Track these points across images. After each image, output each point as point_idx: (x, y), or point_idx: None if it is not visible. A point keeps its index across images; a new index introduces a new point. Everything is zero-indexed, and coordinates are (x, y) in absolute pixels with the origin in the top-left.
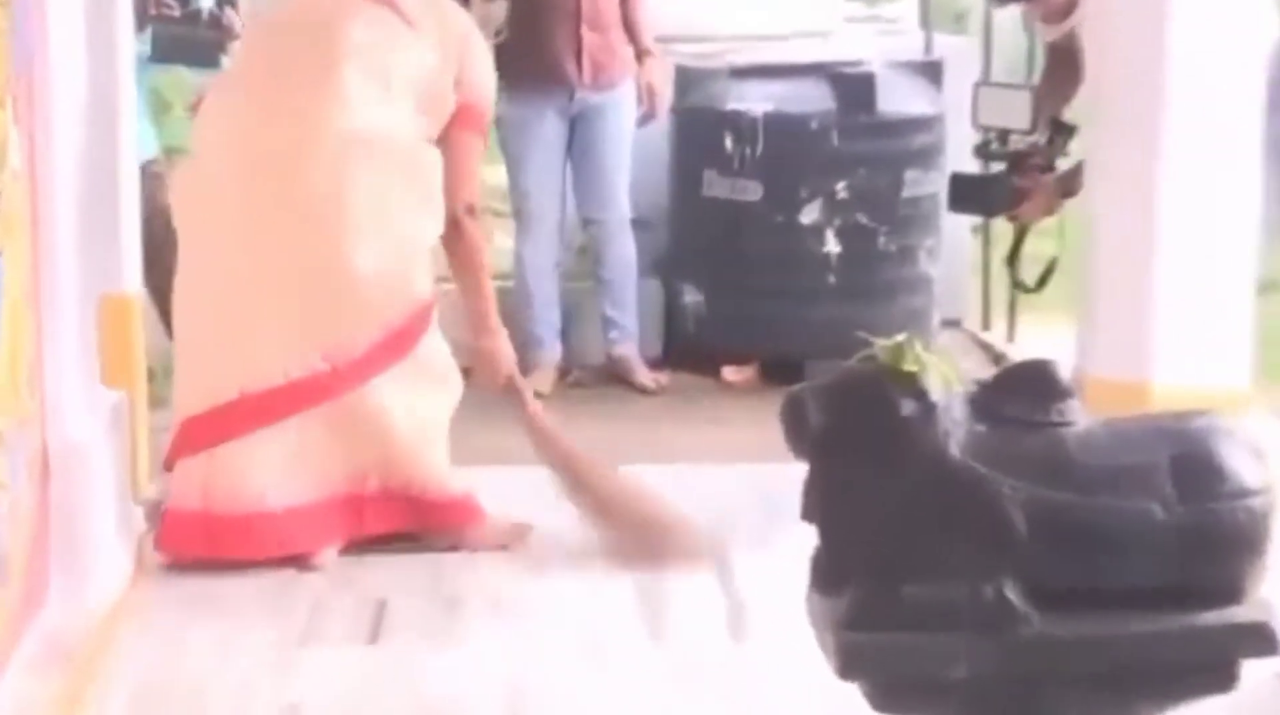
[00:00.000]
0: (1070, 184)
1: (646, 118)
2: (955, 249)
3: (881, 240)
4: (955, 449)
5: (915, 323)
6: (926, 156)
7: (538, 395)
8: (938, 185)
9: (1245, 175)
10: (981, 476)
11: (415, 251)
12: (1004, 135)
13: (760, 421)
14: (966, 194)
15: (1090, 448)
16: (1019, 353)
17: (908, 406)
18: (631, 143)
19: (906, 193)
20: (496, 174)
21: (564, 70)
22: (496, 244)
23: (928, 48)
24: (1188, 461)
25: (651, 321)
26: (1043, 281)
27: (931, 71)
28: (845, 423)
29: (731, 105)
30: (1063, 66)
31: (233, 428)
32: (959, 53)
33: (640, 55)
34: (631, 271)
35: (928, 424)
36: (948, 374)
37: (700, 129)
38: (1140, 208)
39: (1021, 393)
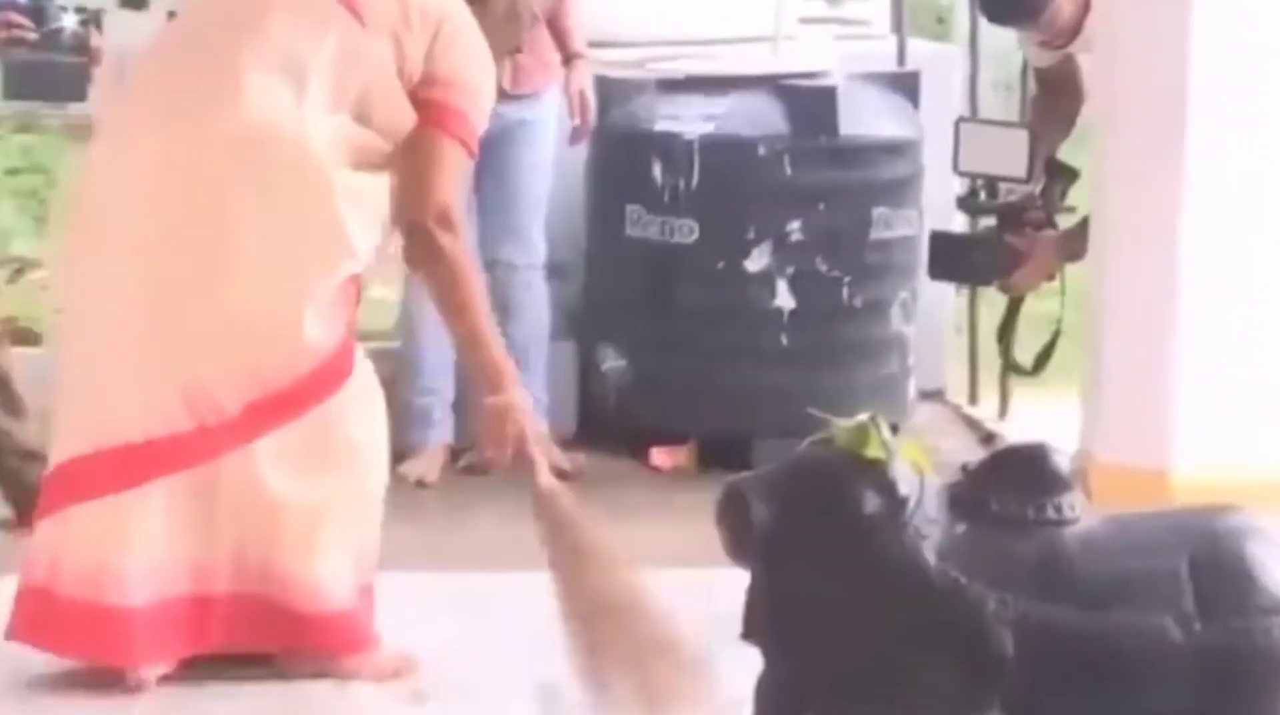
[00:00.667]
0: (1073, 244)
1: (578, 135)
2: (936, 304)
3: (845, 292)
4: (930, 554)
5: (886, 395)
6: (900, 190)
7: (421, 483)
8: (914, 226)
9: None
10: (962, 587)
11: (310, 292)
12: (993, 184)
13: (695, 516)
14: (949, 258)
15: (1094, 551)
16: (1013, 433)
17: (871, 502)
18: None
19: (875, 234)
20: None
21: None
22: (375, 296)
23: (902, 56)
24: (1210, 568)
25: (564, 391)
26: (1042, 361)
27: (907, 85)
28: (796, 521)
29: (661, 126)
30: (1058, 96)
31: (84, 488)
32: (940, 62)
33: (568, 59)
34: (543, 330)
35: (896, 523)
36: (920, 461)
37: (622, 155)
38: (1159, 263)
39: (1011, 484)
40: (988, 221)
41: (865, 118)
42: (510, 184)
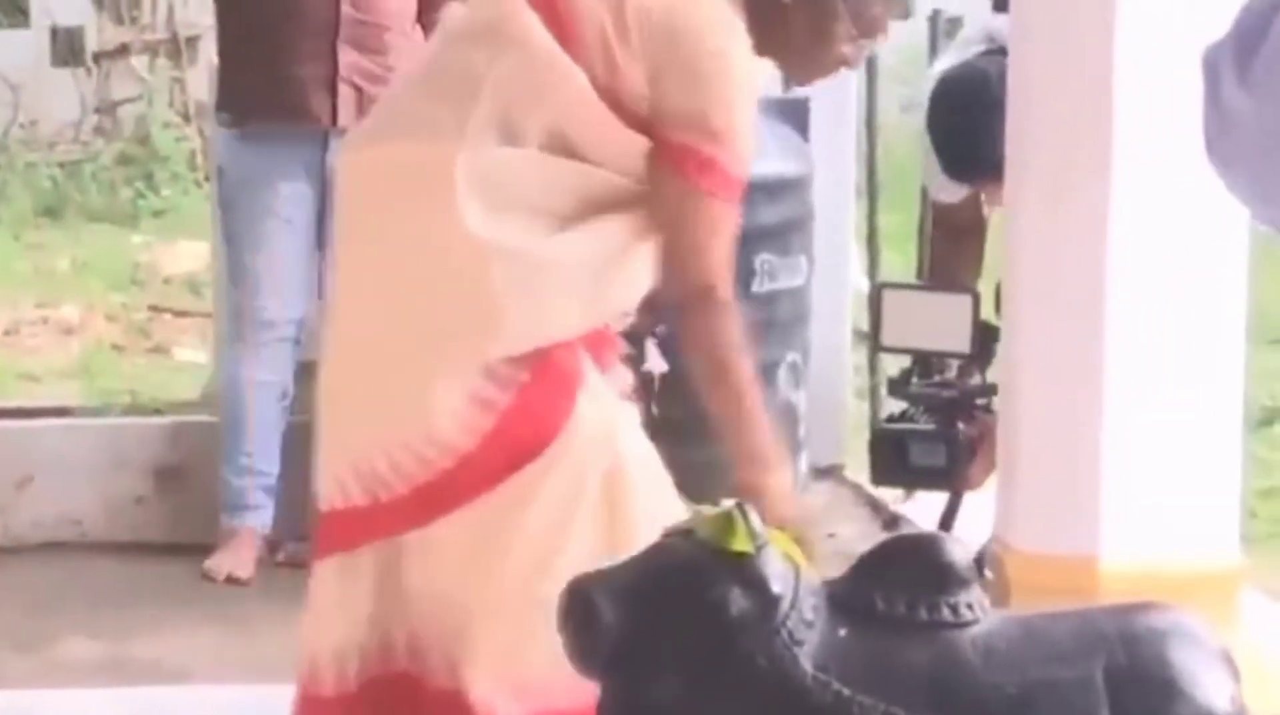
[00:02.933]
0: None
1: None
2: (831, 367)
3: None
4: (806, 662)
5: None
6: (785, 235)
7: (233, 580)
8: (802, 275)
9: (1229, 267)
10: (843, 701)
11: (445, 368)
12: (925, 362)
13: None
14: (898, 463)
15: (996, 659)
16: (921, 517)
17: (738, 602)
18: None
19: (758, 287)
20: (190, 254)
21: (309, 104)
22: (188, 359)
23: (788, 80)
24: (1129, 678)
25: None
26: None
27: (793, 113)
28: (652, 626)
29: None
30: (964, 236)
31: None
32: (832, 86)
33: None
34: None
35: (767, 627)
36: (795, 554)
37: None
38: (1081, 335)
39: (900, 580)
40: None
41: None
42: None
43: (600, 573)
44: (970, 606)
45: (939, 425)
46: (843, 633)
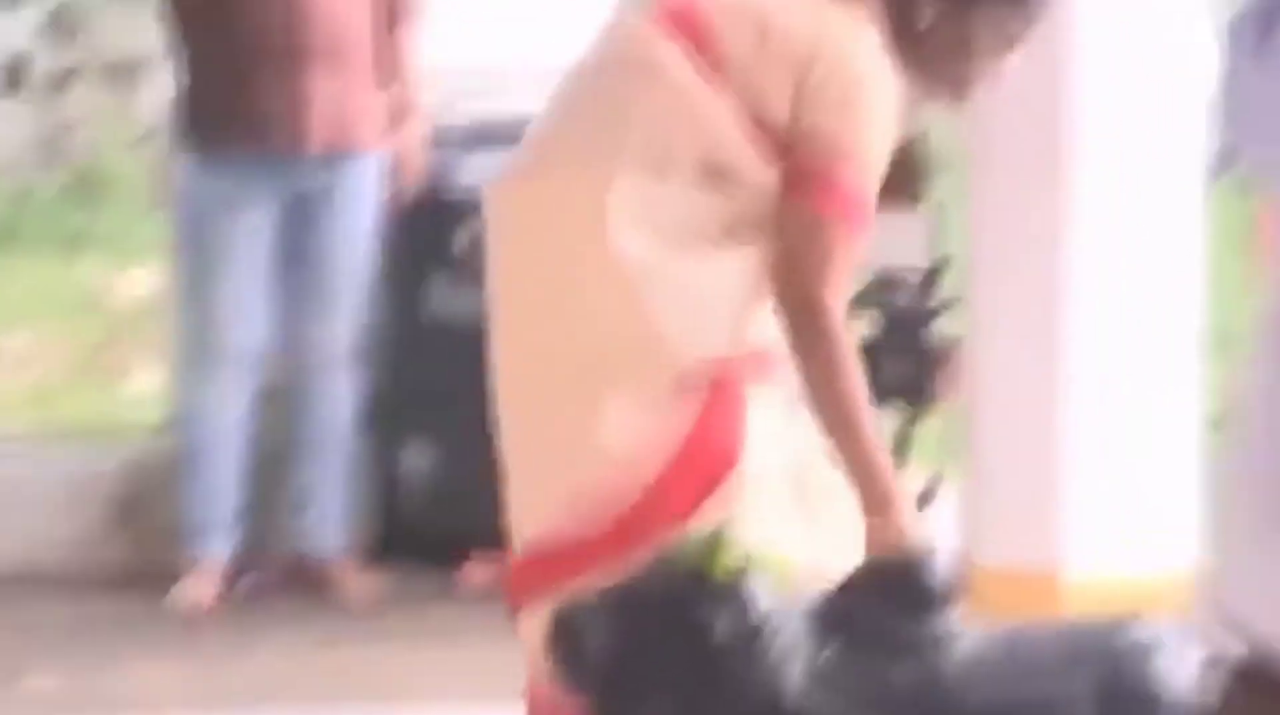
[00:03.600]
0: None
1: (395, 201)
2: None
3: None
4: (794, 684)
5: None
6: None
7: (195, 610)
8: None
9: (1186, 281)
10: None
11: (609, 395)
12: (885, 279)
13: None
14: (872, 378)
15: (981, 675)
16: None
17: (724, 627)
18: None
19: None
20: (140, 281)
21: (278, 130)
22: (143, 388)
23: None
24: (1115, 692)
25: (362, 497)
26: (901, 446)
27: None
28: (638, 651)
29: (468, 181)
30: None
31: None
32: None
33: (400, 110)
34: (345, 429)
35: (753, 650)
36: (780, 577)
37: (420, 218)
38: (1040, 350)
39: (882, 600)
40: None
41: None
42: (319, 258)
43: (588, 598)
44: (949, 623)
45: (905, 339)
46: (828, 655)
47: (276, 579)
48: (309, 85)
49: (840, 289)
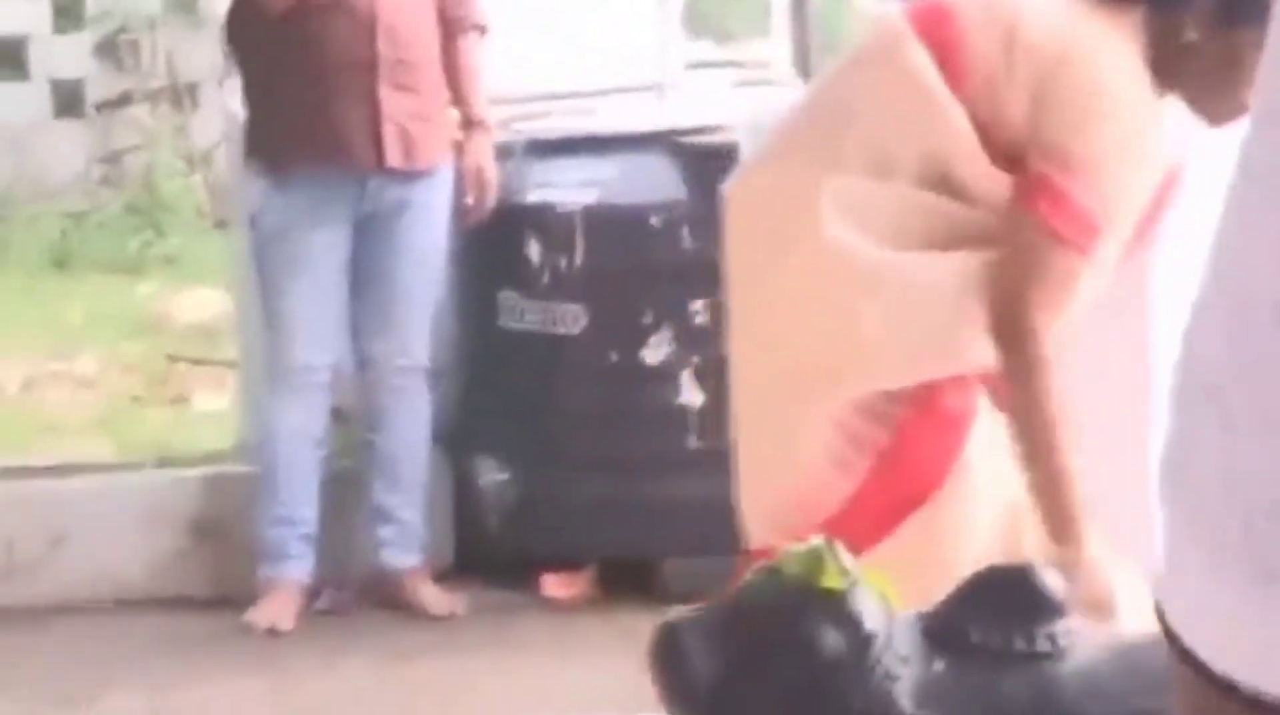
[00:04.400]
0: None
1: (472, 216)
2: None
3: None
4: (904, 698)
5: None
6: None
7: (274, 632)
8: None
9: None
10: None
11: (808, 409)
12: None
13: (598, 653)
14: None
15: (1099, 689)
16: None
17: (833, 642)
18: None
19: None
20: (202, 302)
21: (353, 147)
22: (209, 408)
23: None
24: None
25: (437, 513)
26: None
27: None
28: (745, 668)
29: (535, 196)
30: None
31: None
32: None
33: (468, 125)
34: (423, 446)
35: (863, 665)
36: (888, 589)
37: (491, 232)
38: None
39: (994, 611)
40: None
41: None
42: (391, 275)
43: (691, 615)
44: (1066, 635)
45: None
46: (938, 667)
47: (355, 596)
48: (380, 102)
49: (1052, 309)
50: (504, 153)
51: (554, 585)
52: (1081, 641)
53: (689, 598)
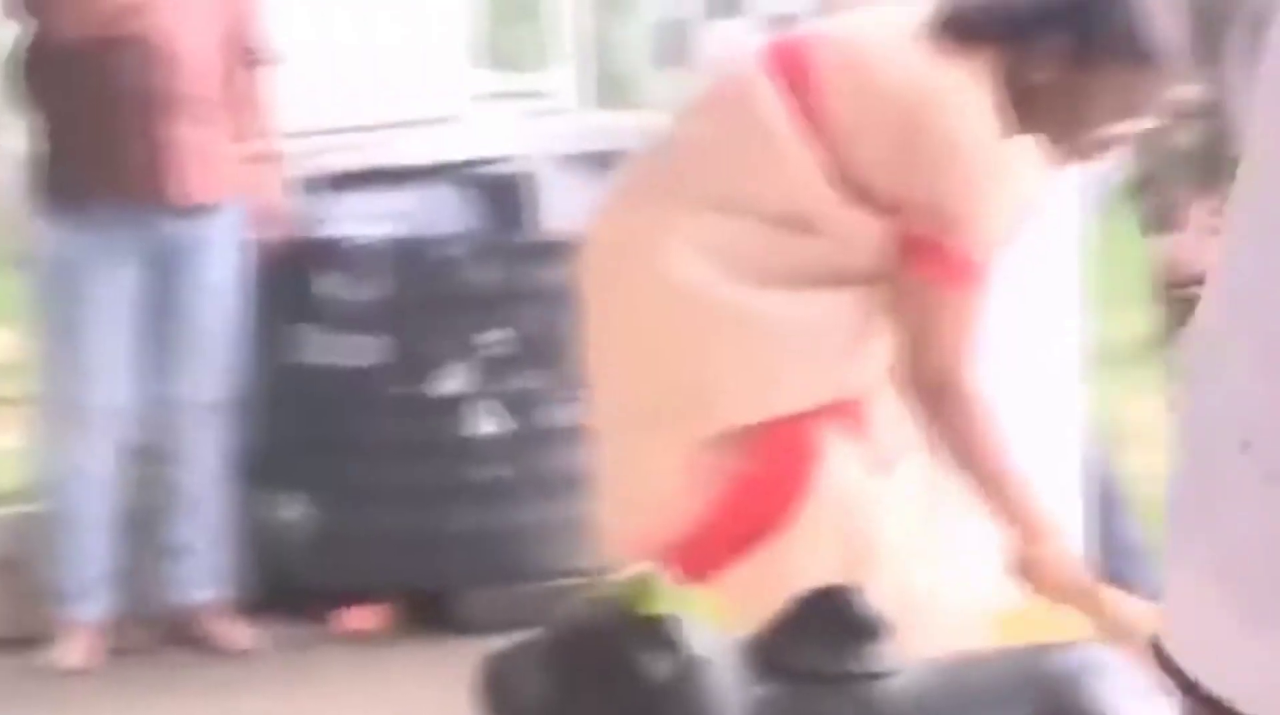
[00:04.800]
0: None
1: (264, 251)
2: None
3: (560, 411)
4: None
5: None
6: None
7: (74, 672)
8: None
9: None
10: None
11: (656, 444)
12: None
13: (396, 686)
14: None
15: (923, 708)
16: None
17: (660, 667)
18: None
19: None
20: (3, 341)
21: (137, 182)
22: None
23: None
24: None
25: (238, 548)
26: None
27: (614, 166)
28: (572, 695)
29: (329, 229)
30: None
31: None
32: (648, 137)
33: (258, 159)
34: (220, 480)
35: (686, 690)
36: (719, 614)
37: (287, 266)
38: None
39: (814, 634)
40: None
41: (569, 205)
42: (185, 311)
43: (516, 646)
44: (887, 656)
45: None
46: (764, 692)
47: (155, 634)
48: (168, 136)
49: (963, 352)
50: (298, 186)
51: (354, 619)
52: (906, 660)
53: (488, 628)
